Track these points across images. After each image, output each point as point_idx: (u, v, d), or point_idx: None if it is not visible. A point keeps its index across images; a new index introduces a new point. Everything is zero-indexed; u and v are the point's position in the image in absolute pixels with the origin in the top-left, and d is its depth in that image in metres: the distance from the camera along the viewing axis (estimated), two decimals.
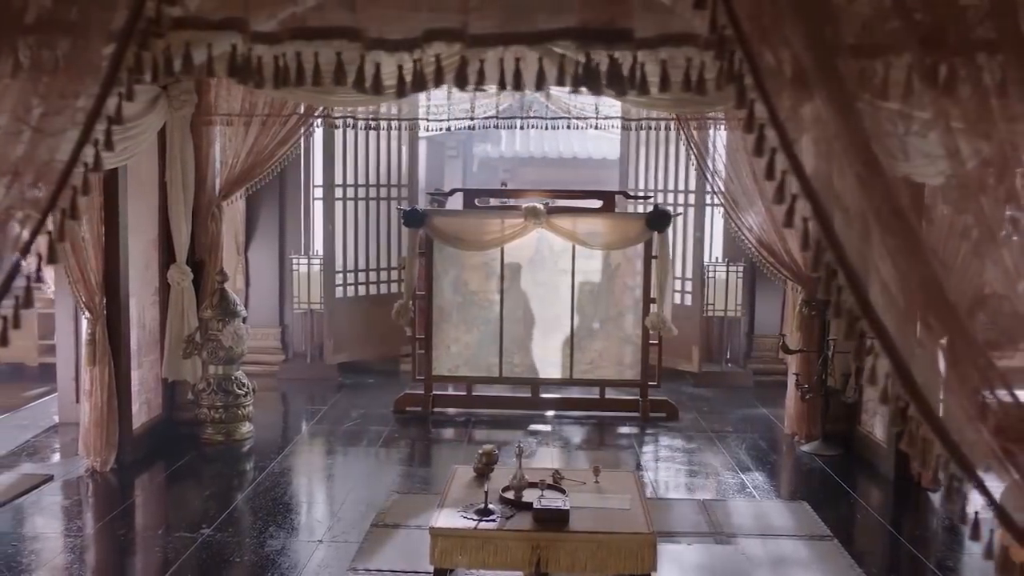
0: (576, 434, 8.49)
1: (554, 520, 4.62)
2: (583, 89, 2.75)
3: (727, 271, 10.18)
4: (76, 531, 6.07)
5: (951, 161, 2.13)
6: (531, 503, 4.70)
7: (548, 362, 8.97)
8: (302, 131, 8.51)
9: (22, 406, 8.93)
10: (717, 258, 10.30)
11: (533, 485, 4.89)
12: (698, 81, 2.39)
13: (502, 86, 2.57)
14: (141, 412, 7.54)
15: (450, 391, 9.32)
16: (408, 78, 2.60)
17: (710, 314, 10.27)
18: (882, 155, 2.11)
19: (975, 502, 2.26)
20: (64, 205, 2.18)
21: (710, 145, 8.46)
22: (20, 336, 9.74)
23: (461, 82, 2.48)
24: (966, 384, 2.11)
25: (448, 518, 4.69)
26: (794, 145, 2.10)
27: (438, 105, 9.50)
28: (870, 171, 2.11)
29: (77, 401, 7.30)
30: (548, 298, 8.95)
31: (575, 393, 9.13)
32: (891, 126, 2.20)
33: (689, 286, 10.29)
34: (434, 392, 8.97)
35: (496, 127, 10.66)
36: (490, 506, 4.72)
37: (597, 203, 8.97)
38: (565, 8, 2.56)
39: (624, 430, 8.56)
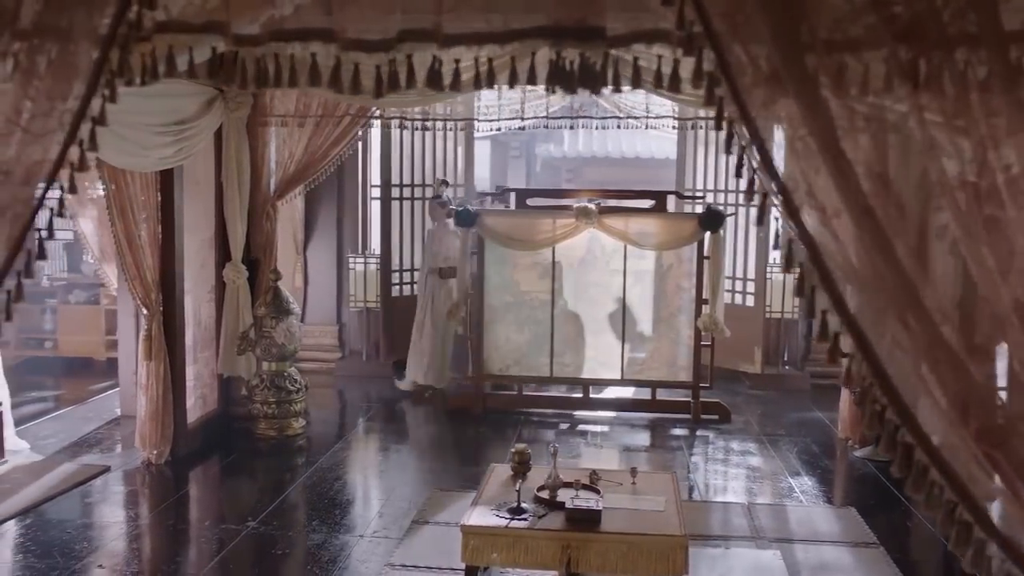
0: (626, 435, 8.43)
1: (585, 520, 4.61)
2: (613, 88, 2.75)
3: (784, 272, 9.97)
4: (128, 521, 6.26)
5: (928, 157, 2.07)
6: (564, 503, 4.70)
7: (599, 362, 8.93)
8: (357, 132, 8.64)
9: (88, 399, 9.25)
10: (775, 259, 10.12)
11: (568, 485, 4.88)
12: (671, 78, 2.37)
13: (476, 85, 2.59)
14: (196, 406, 7.72)
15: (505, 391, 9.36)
16: (385, 79, 2.64)
17: (767, 316, 10.11)
18: (854, 152, 2.06)
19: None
20: (52, 204, 2.28)
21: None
22: (88, 331, 10.11)
23: (434, 82, 2.51)
24: (946, 388, 2.05)
25: (480, 516, 4.71)
26: (766, 143, 2.08)
27: (488, 106, 9.53)
28: (841, 169, 2.06)
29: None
30: (599, 298, 8.91)
31: (626, 394, 9.07)
32: (864, 122, 2.15)
33: (751, 287, 10.14)
34: (485, 391, 9.01)
35: (546, 127, 10.64)
36: (523, 505, 4.73)
37: (648, 203, 8.88)
38: (538, 7, 2.57)
39: (675, 432, 8.48)
